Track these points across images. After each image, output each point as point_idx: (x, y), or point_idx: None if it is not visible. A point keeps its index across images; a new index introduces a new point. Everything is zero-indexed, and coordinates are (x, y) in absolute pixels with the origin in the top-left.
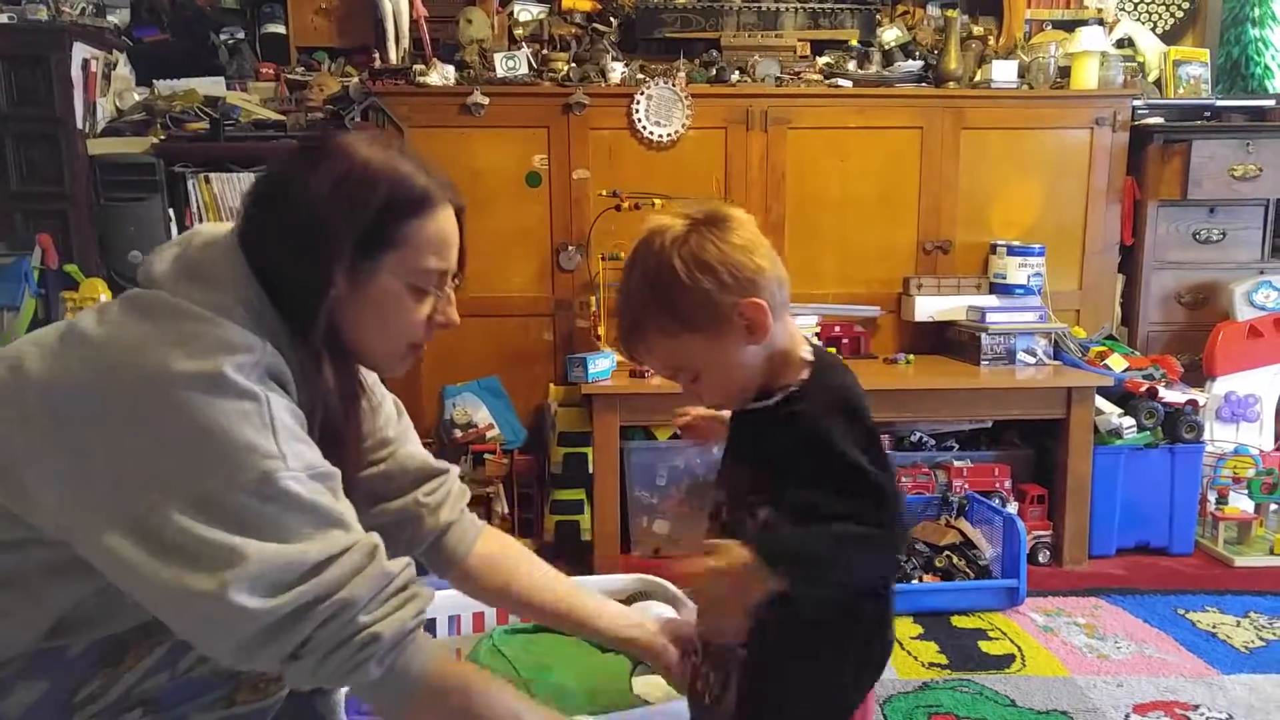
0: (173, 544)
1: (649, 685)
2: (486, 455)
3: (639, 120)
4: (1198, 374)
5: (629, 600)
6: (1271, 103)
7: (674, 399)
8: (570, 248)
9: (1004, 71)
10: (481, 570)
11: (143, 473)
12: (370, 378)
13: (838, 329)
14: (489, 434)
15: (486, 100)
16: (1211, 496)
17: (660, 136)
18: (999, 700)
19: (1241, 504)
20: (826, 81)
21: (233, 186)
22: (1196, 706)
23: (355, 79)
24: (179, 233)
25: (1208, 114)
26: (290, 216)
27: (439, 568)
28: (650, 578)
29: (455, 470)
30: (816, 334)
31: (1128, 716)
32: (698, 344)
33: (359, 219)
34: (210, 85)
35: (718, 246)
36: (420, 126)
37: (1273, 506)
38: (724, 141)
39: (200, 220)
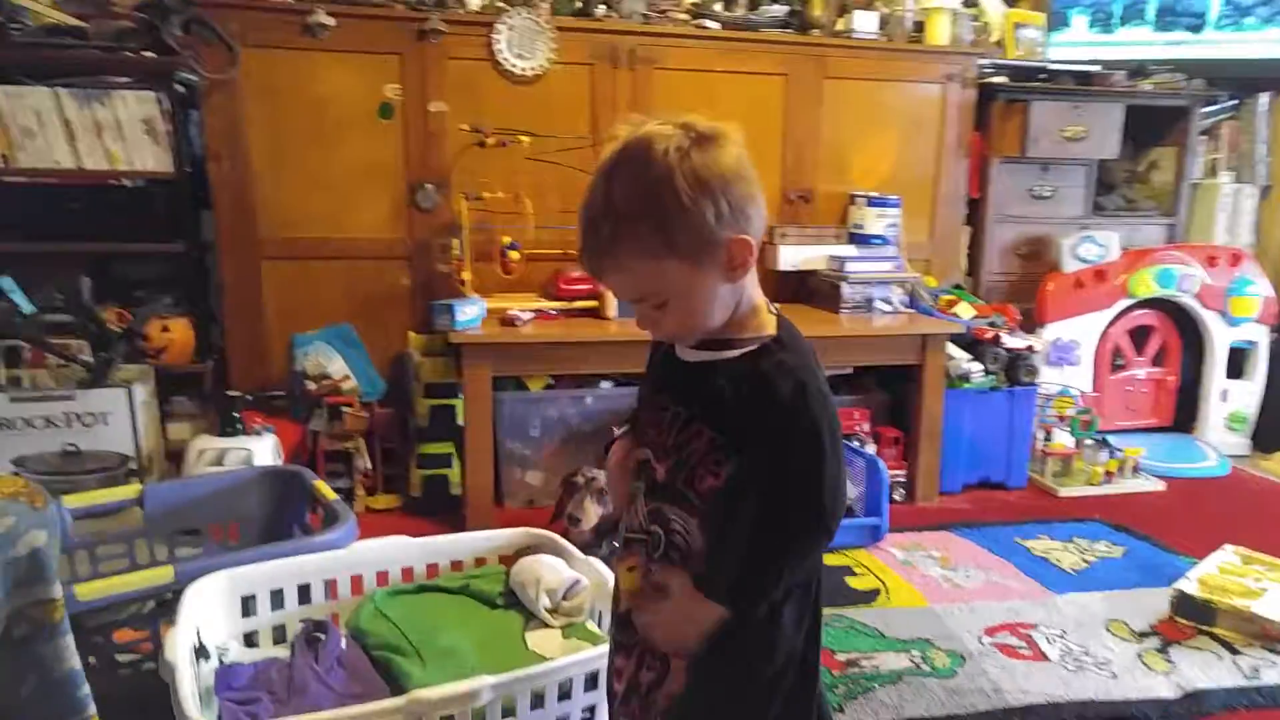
0: None
1: (543, 640)
2: (344, 408)
3: (500, 52)
4: (1030, 322)
5: (517, 555)
6: (1098, 67)
7: (547, 348)
8: (428, 186)
9: (865, 22)
10: None
11: None
12: None
13: None
14: (345, 386)
15: (332, 21)
16: (1039, 434)
17: (524, 70)
18: (868, 632)
19: (1064, 440)
20: (694, 21)
21: (23, 102)
22: (1036, 625)
23: None
24: None
25: (1043, 75)
26: None
27: None
28: (536, 531)
29: None
30: None
31: (980, 638)
32: (676, 271)
33: None
34: None
35: (720, 169)
36: (255, 47)
37: (1088, 442)
38: (590, 79)
39: None
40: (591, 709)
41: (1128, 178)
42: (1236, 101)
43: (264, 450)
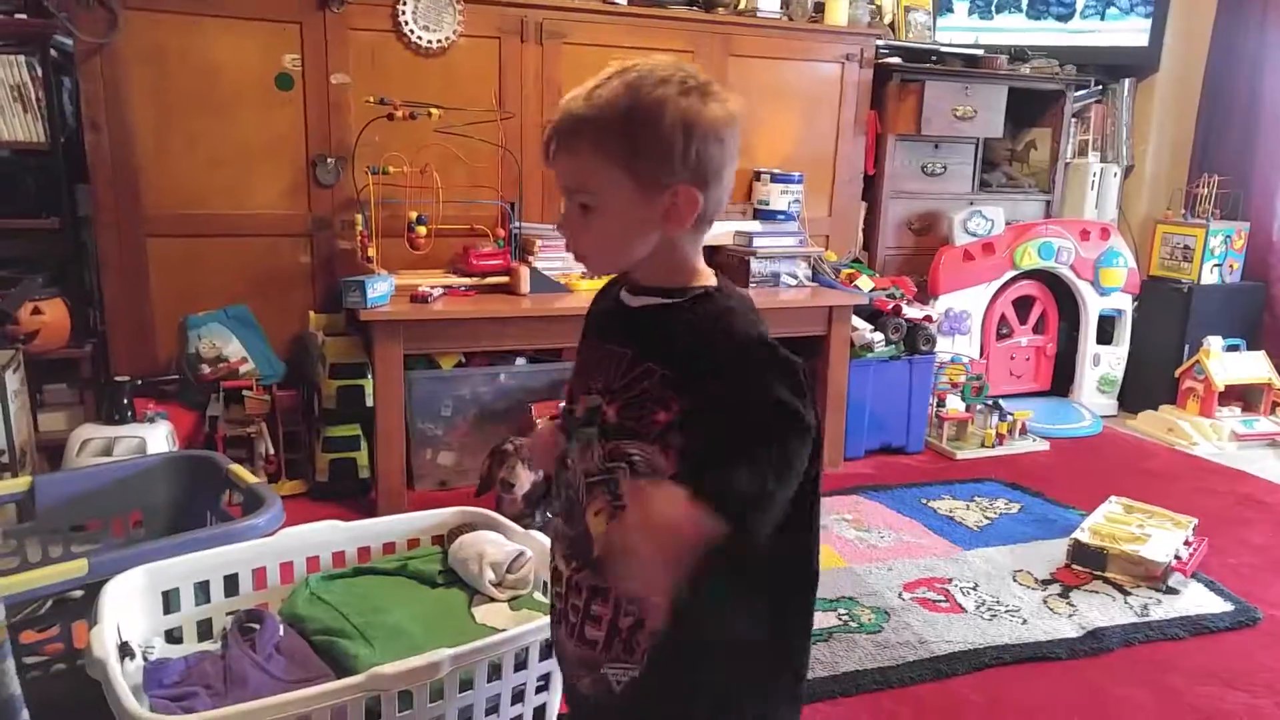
0: None
1: (492, 613)
2: (245, 392)
3: (406, 23)
4: (924, 293)
5: (455, 534)
6: (981, 51)
7: (460, 325)
8: (329, 160)
9: (768, 2)
10: None
11: None
12: None
13: None
14: (243, 369)
15: None
16: (933, 401)
17: (430, 42)
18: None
19: (957, 406)
20: None
21: None
22: (951, 579)
23: None
24: None
25: (934, 58)
26: None
27: None
28: (472, 509)
29: None
30: None
31: (900, 594)
32: (620, 186)
33: None
34: None
35: (708, 122)
36: (139, 9)
37: (979, 407)
38: (498, 52)
39: None
40: (546, 677)
41: (1008, 156)
42: (1102, 87)
43: (157, 438)
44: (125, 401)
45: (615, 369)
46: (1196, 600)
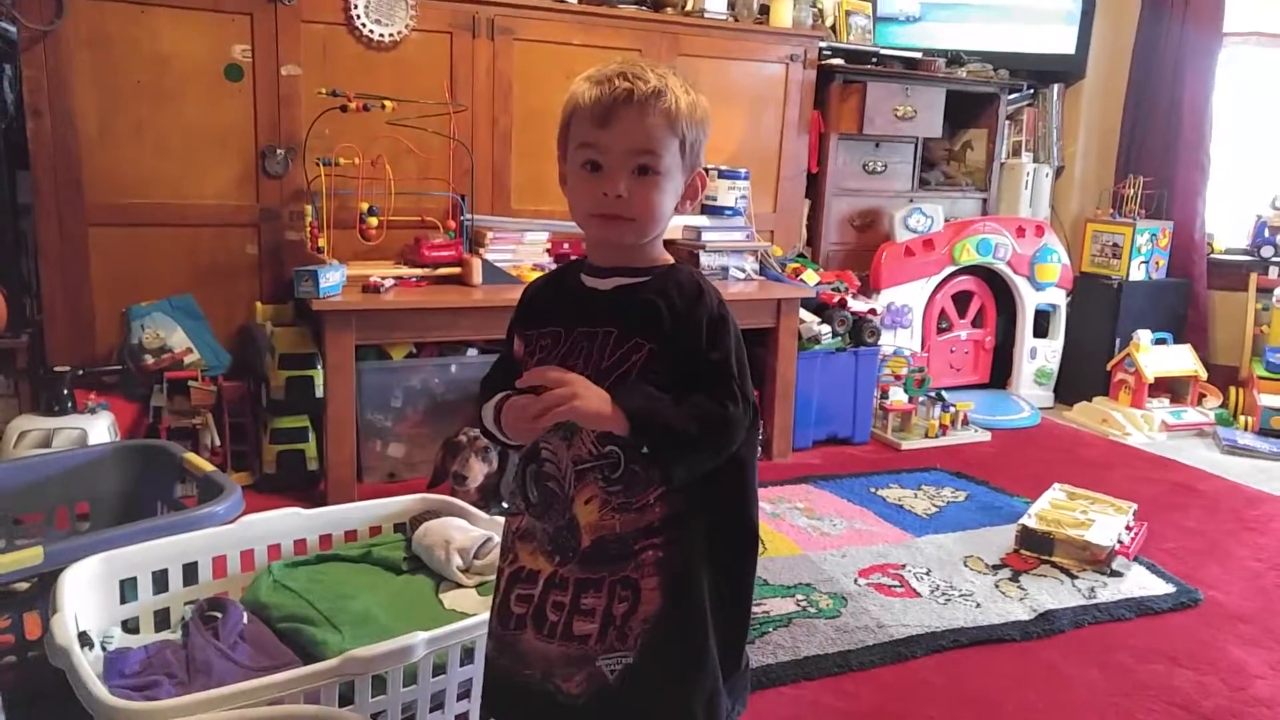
0: None
1: (459, 599)
2: (190, 383)
3: (358, 17)
4: (866, 287)
5: (417, 521)
6: (919, 54)
7: (412, 315)
8: (279, 151)
9: (715, 2)
10: None
11: None
12: None
13: (566, 245)
14: (187, 359)
15: None
16: (878, 393)
17: (382, 36)
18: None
19: (900, 398)
20: None
21: None
22: (904, 565)
23: None
24: None
25: (874, 60)
26: None
27: None
28: (432, 496)
29: None
30: (547, 250)
31: (856, 580)
32: (674, 158)
33: None
34: None
35: (708, 119)
36: None
37: (922, 399)
38: (450, 47)
39: None
40: None
41: (946, 156)
42: (1034, 91)
43: (99, 429)
44: (65, 392)
45: (599, 350)
46: (1140, 583)
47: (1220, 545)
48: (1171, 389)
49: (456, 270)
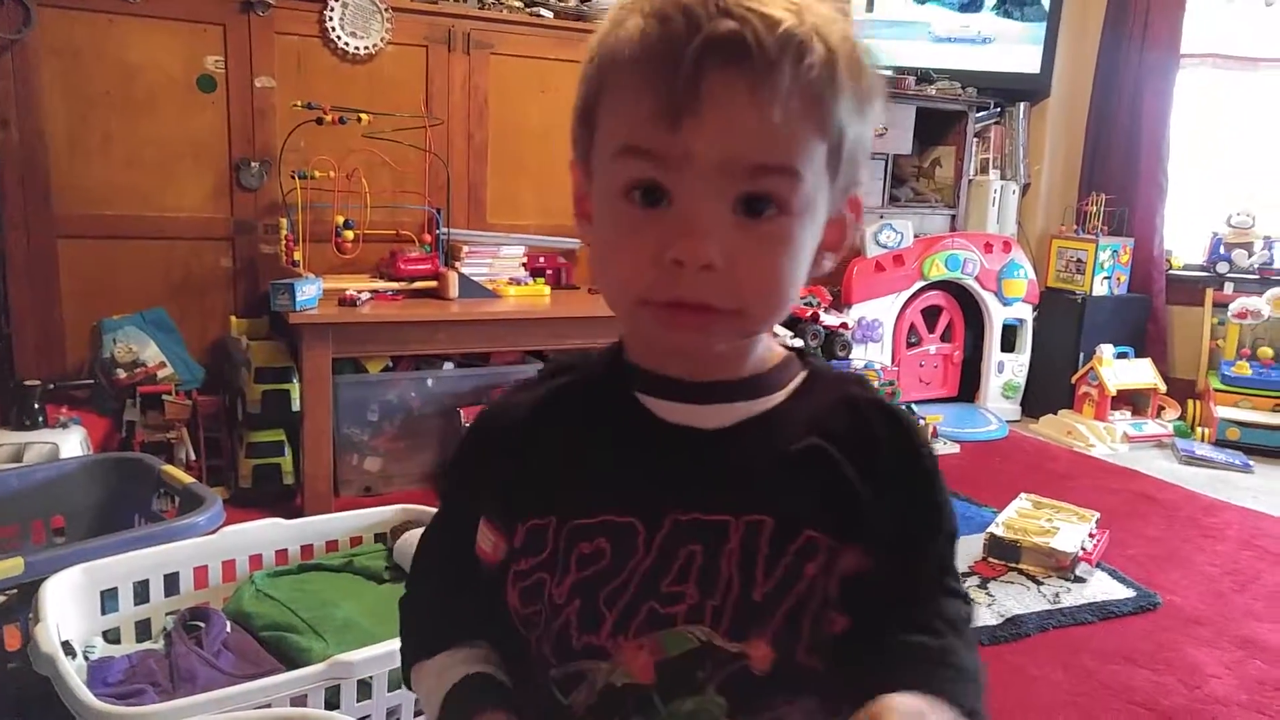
0: None
1: None
2: (165, 397)
3: (333, 29)
4: (838, 302)
5: (398, 530)
6: (890, 72)
7: (389, 328)
8: (253, 164)
9: None
10: None
11: None
12: None
13: (542, 260)
14: (161, 374)
15: None
16: None
17: (357, 49)
18: None
19: None
20: (528, 10)
21: None
22: None
23: None
24: None
25: None
26: None
27: None
28: (412, 507)
29: None
30: (523, 264)
31: None
32: (817, 171)
33: None
34: None
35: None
36: (54, 6)
37: None
38: (425, 61)
39: None
40: None
41: (915, 172)
42: (1000, 109)
43: (72, 443)
44: (36, 406)
45: (744, 559)
46: (1102, 588)
47: (1178, 552)
48: (1133, 402)
49: (433, 284)
